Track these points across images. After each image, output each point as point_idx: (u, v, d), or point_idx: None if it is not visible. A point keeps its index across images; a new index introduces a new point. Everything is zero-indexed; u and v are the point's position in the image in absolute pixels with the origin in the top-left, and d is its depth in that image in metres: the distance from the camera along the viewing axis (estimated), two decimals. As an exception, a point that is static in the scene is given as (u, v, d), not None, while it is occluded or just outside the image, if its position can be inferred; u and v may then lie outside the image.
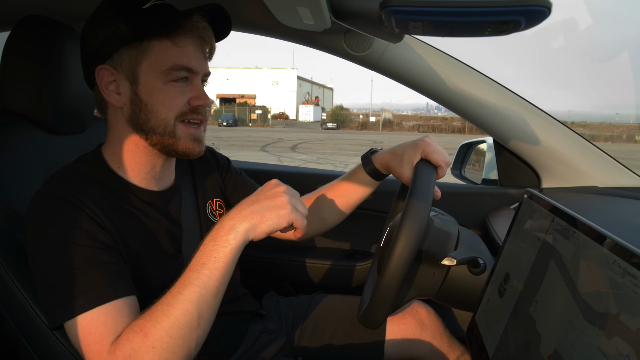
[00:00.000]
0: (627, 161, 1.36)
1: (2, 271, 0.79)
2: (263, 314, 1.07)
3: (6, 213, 0.82)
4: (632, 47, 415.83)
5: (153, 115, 0.75)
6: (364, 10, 0.83)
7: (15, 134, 0.89)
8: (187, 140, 0.78)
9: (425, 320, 1.06)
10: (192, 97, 0.77)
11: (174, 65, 0.74)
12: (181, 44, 0.74)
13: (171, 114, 0.76)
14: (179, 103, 0.76)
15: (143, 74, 0.74)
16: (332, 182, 1.04)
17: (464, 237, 0.86)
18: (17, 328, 0.81)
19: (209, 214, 0.94)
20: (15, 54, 0.91)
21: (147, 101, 0.75)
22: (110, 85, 0.76)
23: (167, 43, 0.74)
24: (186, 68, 0.75)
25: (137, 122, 0.76)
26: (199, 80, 0.79)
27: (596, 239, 0.48)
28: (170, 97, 0.75)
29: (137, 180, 0.81)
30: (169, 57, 0.74)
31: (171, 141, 0.77)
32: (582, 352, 0.45)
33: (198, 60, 0.77)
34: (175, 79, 0.75)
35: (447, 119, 48.34)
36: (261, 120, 45.85)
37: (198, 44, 0.77)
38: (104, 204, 0.73)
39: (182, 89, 0.76)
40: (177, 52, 0.74)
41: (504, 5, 0.54)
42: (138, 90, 0.75)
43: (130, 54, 0.74)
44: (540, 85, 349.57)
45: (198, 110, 0.78)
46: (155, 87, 0.75)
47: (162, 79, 0.74)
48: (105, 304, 0.65)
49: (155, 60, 0.74)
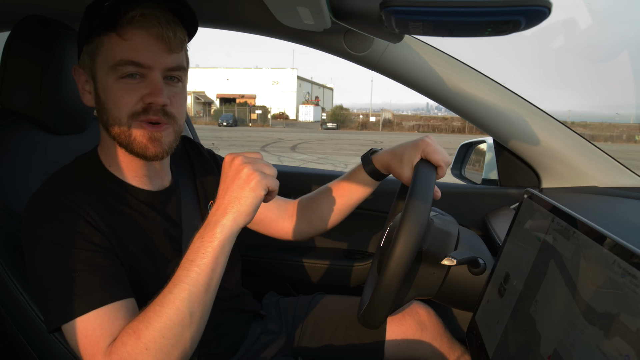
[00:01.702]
0: (627, 161, 1.36)
1: (2, 271, 0.79)
2: (263, 314, 1.07)
3: (6, 213, 0.82)
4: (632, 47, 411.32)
5: (108, 114, 0.73)
6: (364, 10, 0.83)
7: (15, 134, 0.89)
8: (142, 139, 0.73)
9: (425, 321, 1.06)
10: (146, 94, 0.71)
11: (119, 60, 0.70)
12: (127, 36, 0.69)
13: (122, 113, 0.72)
14: (129, 101, 0.71)
15: (98, 71, 0.73)
16: (332, 182, 1.04)
17: (464, 237, 0.86)
18: (17, 328, 0.81)
19: None
20: (15, 54, 0.91)
21: (104, 100, 0.74)
22: (86, 85, 0.77)
23: (114, 37, 0.70)
24: (133, 62, 0.70)
25: (102, 120, 0.76)
26: (156, 75, 0.72)
27: (596, 239, 0.48)
28: (120, 95, 0.71)
29: (132, 180, 0.80)
30: (116, 52, 0.70)
31: (127, 141, 0.74)
32: (582, 352, 0.45)
33: (150, 53, 0.70)
34: (124, 75, 0.71)
35: (447, 119, 48.34)
36: (261, 120, 45.85)
37: (150, 36, 0.70)
38: (100, 205, 0.73)
39: (134, 86, 0.71)
40: (124, 45, 0.69)
41: (504, 5, 0.54)
42: (97, 88, 0.74)
43: (88, 52, 0.74)
44: (540, 86, 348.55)
45: (152, 108, 0.72)
46: (108, 85, 0.72)
47: (112, 76, 0.71)
48: (101, 307, 0.65)
49: (106, 56, 0.71)
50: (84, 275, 0.66)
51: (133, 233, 0.77)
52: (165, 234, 0.82)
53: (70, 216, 0.69)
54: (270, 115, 48.95)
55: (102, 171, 0.79)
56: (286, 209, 1.06)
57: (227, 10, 1.06)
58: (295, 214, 1.05)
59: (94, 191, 0.75)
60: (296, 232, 1.05)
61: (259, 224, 1.06)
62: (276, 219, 1.05)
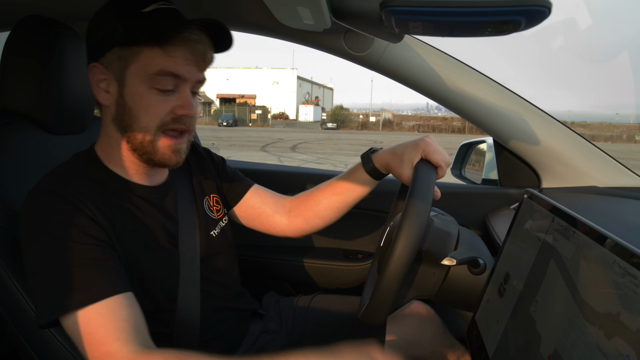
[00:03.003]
0: (627, 161, 1.36)
1: (2, 271, 0.79)
2: (263, 313, 1.07)
3: (6, 213, 0.82)
4: (632, 47, 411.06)
5: (135, 120, 0.75)
6: (364, 10, 0.83)
7: (15, 134, 0.89)
8: (166, 150, 0.77)
9: (426, 321, 1.06)
10: (177, 106, 0.75)
11: (160, 70, 0.72)
12: (172, 53, 0.73)
13: (152, 123, 0.74)
14: (161, 111, 0.74)
15: (130, 77, 0.74)
16: (331, 179, 1.04)
17: (464, 237, 0.86)
18: (16, 328, 0.81)
19: (207, 210, 0.95)
20: (15, 54, 0.91)
21: (131, 105, 0.74)
22: (101, 82, 0.76)
23: (157, 50, 0.72)
24: (173, 74, 0.73)
25: (121, 124, 0.76)
26: (187, 89, 0.76)
27: (596, 239, 0.48)
28: (153, 103, 0.73)
29: (130, 175, 0.81)
30: (156, 63, 0.72)
31: (150, 150, 0.76)
32: (582, 352, 0.45)
33: (188, 68, 0.74)
34: (161, 87, 0.73)
35: (447, 119, 48.34)
36: (261, 120, 45.85)
37: (189, 53, 0.74)
38: (98, 199, 0.73)
39: (167, 97, 0.74)
40: (166, 59, 0.72)
41: (504, 5, 0.54)
42: (124, 92, 0.75)
43: (121, 56, 0.73)
44: (540, 86, 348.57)
45: (181, 120, 0.76)
46: (139, 92, 0.73)
47: (146, 84, 0.73)
48: (102, 300, 0.65)
49: (143, 65, 0.73)
50: (83, 269, 0.66)
51: (131, 227, 0.77)
52: (162, 229, 0.82)
53: (68, 209, 0.69)
54: (270, 115, 48.95)
55: (100, 167, 0.80)
56: (283, 204, 1.06)
57: (227, 10, 1.06)
58: (291, 210, 1.05)
59: (93, 186, 0.75)
60: (292, 228, 1.05)
61: (256, 220, 1.06)
62: (273, 214, 1.05)
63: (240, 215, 1.06)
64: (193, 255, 0.86)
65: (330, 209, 1.02)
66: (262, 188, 1.07)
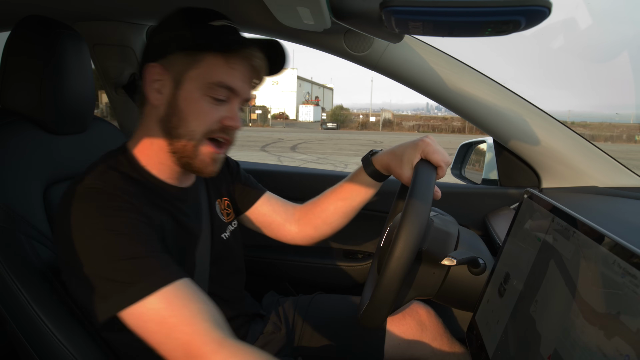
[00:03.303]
0: (627, 161, 1.36)
1: (3, 271, 0.79)
2: (263, 314, 1.08)
3: (6, 213, 0.82)
4: (632, 47, 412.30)
5: (183, 123, 0.76)
6: (364, 10, 0.83)
7: (15, 134, 0.89)
8: (206, 158, 0.78)
9: (425, 321, 1.06)
10: (226, 117, 0.77)
11: (219, 82, 0.75)
12: (233, 65, 0.76)
13: (200, 128, 0.76)
14: (211, 119, 0.76)
15: (188, 81, 0.75)
16: (336, 185, 1.05)
17: (464, 237, 0.86)
18: (17, 328, 0.81)
19: (218, 213, 0.95)
20: (16, 54, 0.91)
21: (183, 108, 0.76)
22: (155, 83, 0.77)
23: (220, 60, 0.75)
24: (229, 87, 0.76)
25: (167, 125, 0.77)
26: (237, 103, 0.79)
27: (596, 239, 0.48)
28: (205, 110, 0.76)
29: (163, 176, 0.82)
30: (216, 73, 0.75)
31: (191, 154, 0.77)
32: (582, 352, 0.45)
33: (243, 83, 0.78)
34: (215, 96, 0.76)
35: (447, 119, 48.34)
36: (261, 120, 45.85)
37: (247, 70, 0.78)
38: (142, 198, 0.74)
39: (218, 107, 0.77)
40: (226, 70, 0.75)
41: (504, 5, 0.54)
42: (178, 94, 0.76)
43: (184, 60, 0.75)
44: (540, 85, 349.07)
45: (227, 130, 0.79)
46: (194, 97, 0.75)
47: (202, 91, 0.75)
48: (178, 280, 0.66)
49: (204, 72, 0.75)
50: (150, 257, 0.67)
51: (167, 226, 0.78)
52: (191, 230, 0.83)
53: (122, 205, 0.69)
54: (270, 115, 48.97)
55: (136, 166, 0.80)
56: (293, 213, 1.07)
57: (227, 10, 1.06)
58: (301, 219, 1.06)
59: (133, 184, 0.76)
60: (302, 236, 1.06)
61: (267, 228, 1.07)
62: (283, 223, 1.06)
63: (251, 221, 1.07)
64: (203, 257, 0.86)
65: (337, 215, 1.03)
66: (273, 196, 1.08)
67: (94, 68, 1.44)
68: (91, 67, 1.03)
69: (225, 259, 0.93)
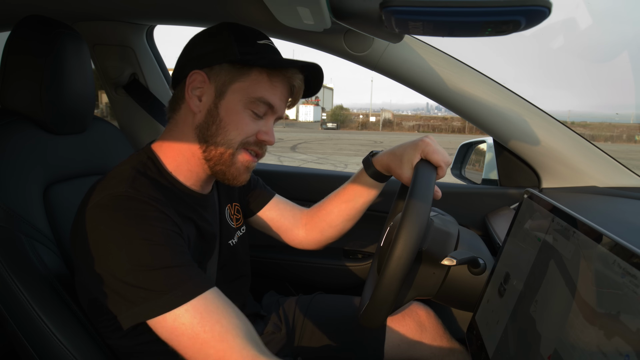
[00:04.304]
0: (627, 161, 1.36)
1: (3, 271, 0.79)
2: (264, 314, 1.08)
3: (6, 212, 0.82)
4: (632, 47, 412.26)
5: (222, 131, 0.78)
6: (364, 10, 0.83)
7: (15, 134, 0.89)
8: (241, 166, 0.81)
9: (425, 322, 1.06)
10: (261, 131, 0.80)
11: (260, 97, 0.78)
12: (275, 83, 0.80)
13: (238, 137, 0.78)
14: (249, 130, 0.79)
15: (231, 92, 0.78)
16: (339, 188, 1.05)
17: (464, 237, 0.86)
18: (17, 328, 0.81)
19: (227, 219, 0.95)
20: (16, 54, 0.91)
21: (223, 117, 0.78)
22: (196, 90, 0.79)
23: (264, 77, 0.79)
24: (269, 104, 0.79)
25: (205, 132, 0.78)
26: (273, 119, 0.83)
27: (596, 239, 0.48)
28: (245, 122, 0.78)
29: (190, 183, 0.83)
30: (259, 89, 0.78)
31: (227, 162, 0.79)
32: (582, 352, 0.45)
33: (282, 103, 0.82)
34: (256, 111, 0.79)
35: (447, 119, 48.34)
36: (261, 120, 45.76)
37: (287, 90, 0.82)
38: (170, 204, 0.73)
39: (256, 121, 0.80)
40: (268, 87, 0.79)
41: (504, 5, 0.54)
42: (220, 104, 0.78)
43: (230, 72, 0.78)
44: (541, 86, 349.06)
45: (261, 145, 0.82)
46: (235, 109, 0.78)
47: (244, 104, 0.78)
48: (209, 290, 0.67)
49: (248, 86, 0.78)
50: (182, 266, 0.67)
51: (191, 233, 0.79)
52: (207, 234, 0.84)
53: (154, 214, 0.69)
54: (270, 115, 48.86)
55: (163, 171, 0.80)
56: (300, 217, 1.07)
57: (228, 10, 1.06)
58: (308, 223, 1.07)
59: (163, 191, 0.75)
60: (310, 240, 1.07)
61: (275, 232, 1.08)
62: (291, 227, 1.07)
63: (259, 225, 1.07)
64: (211, 263, 0.87)
65: (341, 217, 1.03)
66: (281, 199, 1.09)
67: (94, 68, 1.44)
68: (91, 67, 1.03)
69: (232, 265, 0.94)
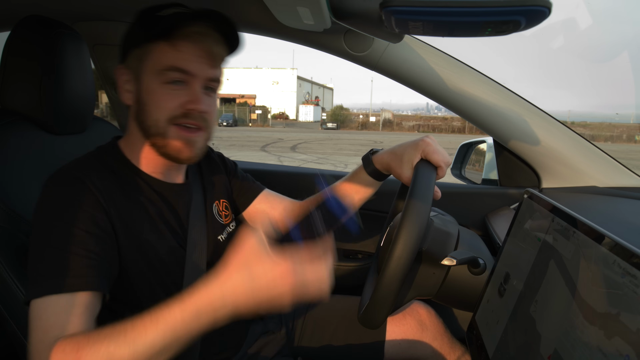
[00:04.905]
0: (627, 161, 1.36)
1: (3, 271, 0.79)
2: (264, 314, 1.08)
3: (6, 213, 0.82)
4: (632, 47, 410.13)
5: (147, 115, 0.77)
6: (364, 10, 0.83)
7: (15, 134, 0.89)
8: (178, 141, 0.78)
9: (426, 321, 1.06)
10: (187, 101, 0.77)
11: (168, 66, 0.75)
12: (180, 47, 0.75)
13: (162, 116, 0.76)
14: (170, 105, 0.76)
15: (145, 74, 0.77)
16: (335, 183, 1.04)
17: (464, 237, 0.86)
18: (17, 328, 0.81)
19: (216, 215, 0.95)
20: (16, 54, 0.91)
21: (145, 101, 0.77)
22: (126, 84, 0.80)
23: (166, 46, 0.75)
24: (180, 69, 0.75)
25: (139, 120, 0.79)
26: (198, 84, 0.78)
27: (596, 239, 0.48)
28: (163, 98, 0.76)
29: (149, 171, 0.83)
30: (166, 59, 0.75)
31: (162, 142, 0.78)
32: (582, 352, 0.45)
33: (197, 64, 0.77)
34: (170, 80, 0.76)
35: (447, 119, 48.35)
36: (261, 120, 45.86)
37: (198, 49, 0.77)
38: (114, 189, 0.75)
39: (177, 92, 0.76)
40: (174, 54, 0.75)
41: (504, 5, 0.54)
42: (141, 89, 0.78)
43: (138, 55, 0.77)
44: (541, 86, 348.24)
45: (192, 115, 0.77)
46: (152, 88, 0.77)
47: (158, 80, 0.76)
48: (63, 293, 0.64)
49: (155, 62, 0.76)
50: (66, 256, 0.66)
51: (143, 220, 0.78)
52: (172, 226, 0.83)
53: (82, 194, 0.71)
54: (270, 115, 48.97)
55: (121, 159, 0.81)
56: (292, 209, 1.06)
57: (227, 10, 1.06)
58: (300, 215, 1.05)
59: (112, 176, 0.77)
60: None
61: None
62: (282, 219, 1.05)
63: (249, 219, 1.07)
64: (199, 258, 0.86)
65: None
66: (272, 193, 1.08)
67: (94, 68, 1.44)
68: (91, 67, 1.03)
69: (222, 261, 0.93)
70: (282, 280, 0.57)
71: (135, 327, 0.58)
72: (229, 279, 0.58)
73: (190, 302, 0.58)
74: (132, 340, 0.57)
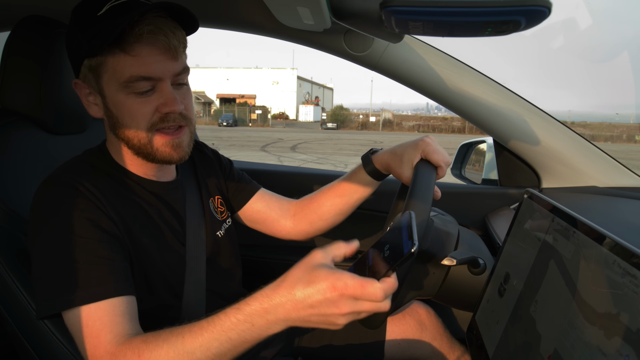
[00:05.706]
0: (627, 161, 1.36)
1: (3, 271, 0.79)
2: (263, 314, 1.07)
3: (6, 213, 0.82)
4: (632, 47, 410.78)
5: (125, 127, 0.74)
6: (364, 10, 0.83)
7: (15, 134, 0.89)
8: (165, 148, 0.76)
9: (425, 321, 1.06)
10: (160, 105, 0.73)
11: (130, 77, 0.70)
12: (134, 53, 0.69)
13: (140, 126, 0.73)
14: (145, 114, 0.72)
15: (106, 87, 0.73)
16: (333, 182, 1.04)
17: (464, 237, 0.86)
18: (17, 328, 0.81)
19: (212, 211, 0.95)
20: (15, 54, 0.91)
21: (117, 114, 0.74)
22: (89, 96, 0.77)
23: (120, 55, 0.69)
24: (144, 77, 0.71)
25: (116, 132, 0.77)
26: (167, 84, 0.73)
27: (596, 239, 0.48)
28: (135, 109, 0.72)
29: (141, 172, 0.82)
30: (124, 69, 0.70)
31: (149, 150, 0.76)
32: (582, 352, 0.45)
33: (158, 65, 0.71)
34: (138, 91, 0.71)
35: (447, 119, 48.35)
36: (261, 120, 45.86)
37: (154, 49, 0.70)
38: (110, 192, 0.74)
39: (147, 98, 0.72)
40: (132, 62, 0.69)
41: (504, 5, 0.54)
42: (107, 103, 0.74)
43: (91, 67, 0.72)
44: (541, 86, 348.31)
45: (169, 117, 0.74)
46: (119, 101, 0.72)
47: (124, 92, 0.71)
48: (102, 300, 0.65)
49: (113, 73, 0.71)
50: (88, 267, 0.66)
51: (141, 221, 0.78)
52: (171, 225, 0.83)
53: (79, 200, 0.69)
54: (270, 115, 48.95)
55: (111, 162, 0.80)
56: (288, 208, 1.06)
57: (227, 10, 1.06)
58: (296, 214, 1.05)
59: (104, 179, 0.76)
60: (298, 231, 1.06)
61: (262, 224, 1.06)
62: (278, 218, 1.05)
63: (245, 218, 1.06)
64: (199, 254, 0.86)
65: (333, 211, 1.02)
66: (267, 192, 1.08)
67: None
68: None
69: (221, 257, 0.93)
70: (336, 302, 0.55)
71: (192, 331, 0.60)
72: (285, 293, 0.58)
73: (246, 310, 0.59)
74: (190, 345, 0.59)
